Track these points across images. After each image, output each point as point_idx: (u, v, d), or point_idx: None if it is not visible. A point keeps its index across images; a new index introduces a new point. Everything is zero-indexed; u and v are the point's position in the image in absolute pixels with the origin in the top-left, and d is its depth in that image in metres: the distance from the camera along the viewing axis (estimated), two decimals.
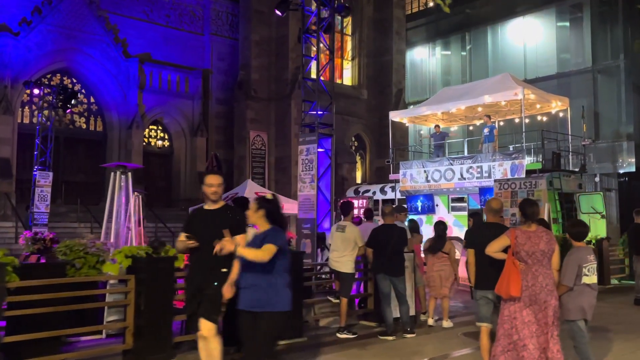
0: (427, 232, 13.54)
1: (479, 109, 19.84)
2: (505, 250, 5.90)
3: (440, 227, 9.66)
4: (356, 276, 9.78)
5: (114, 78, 24.83)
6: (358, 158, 32.14)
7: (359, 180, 31.32)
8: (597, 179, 27.71)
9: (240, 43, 28.23)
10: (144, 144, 26.28)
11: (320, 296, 9.65)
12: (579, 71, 28.46)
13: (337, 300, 8.53)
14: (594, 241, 15.90)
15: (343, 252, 8.32)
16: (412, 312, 9.46)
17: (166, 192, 27.30)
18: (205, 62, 28.14)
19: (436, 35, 35.25)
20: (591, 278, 6.13)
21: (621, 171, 27.21)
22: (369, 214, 11.54)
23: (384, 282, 8.30)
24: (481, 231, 6.41)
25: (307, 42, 10.62)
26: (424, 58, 36.10)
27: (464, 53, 33.82)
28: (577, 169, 19.81)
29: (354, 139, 32.02)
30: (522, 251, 5.79)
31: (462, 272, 9.69)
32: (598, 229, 17.64)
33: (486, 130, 19.58)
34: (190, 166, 27.36)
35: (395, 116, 22.07)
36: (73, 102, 18.50)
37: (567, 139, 20.33)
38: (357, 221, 13.08)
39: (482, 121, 20.76)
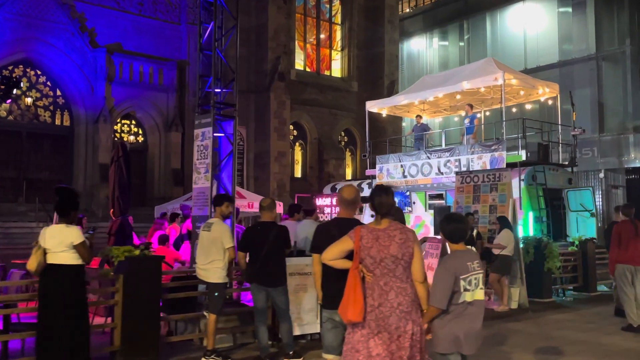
0: None
1: (458, 96, 18.05)
2: (351, 257, 4.23)
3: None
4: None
5: (80, 69, 23.51)
6: (348, 154, 30.45)
7: (348, 177, 29.67)
8: (601, 175, 25.64)
9: None
10: (116, 139, 24.94)
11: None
12: (582, 59, 26.45)
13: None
14: (577, 242, 14.03)
15: (209, 256, 6.68)
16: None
17: (139, 190, 25.84)
18: (182, 53, 26.64)
19: (433, 24, 33.44)
20: (474, 294, 4.35)
21: (627, 166, 25.07)
22: (294, 209, 9.90)
23: (258, 295, 6.60)
24: (328, 230, 4.68)
25: (206, 8, 9.03)
26: (421, 49, 34.31)
27: (462, 43, 31.94)
28: (567, 162, 17.93)
29: (343, 134, 30.35)
30: (368, 257, 4.11)
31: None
32: (587, 228, 15.80)
33: (467, 121, 17.83)
34: (164, 162, 25.97)
35: (372, 106, 20.34)
36: (15, 92, 17.08)
37: (557, 130, 18.43)
38: (285, 218, 11.48)
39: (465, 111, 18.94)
